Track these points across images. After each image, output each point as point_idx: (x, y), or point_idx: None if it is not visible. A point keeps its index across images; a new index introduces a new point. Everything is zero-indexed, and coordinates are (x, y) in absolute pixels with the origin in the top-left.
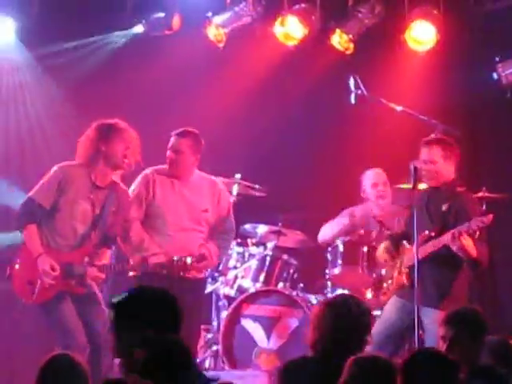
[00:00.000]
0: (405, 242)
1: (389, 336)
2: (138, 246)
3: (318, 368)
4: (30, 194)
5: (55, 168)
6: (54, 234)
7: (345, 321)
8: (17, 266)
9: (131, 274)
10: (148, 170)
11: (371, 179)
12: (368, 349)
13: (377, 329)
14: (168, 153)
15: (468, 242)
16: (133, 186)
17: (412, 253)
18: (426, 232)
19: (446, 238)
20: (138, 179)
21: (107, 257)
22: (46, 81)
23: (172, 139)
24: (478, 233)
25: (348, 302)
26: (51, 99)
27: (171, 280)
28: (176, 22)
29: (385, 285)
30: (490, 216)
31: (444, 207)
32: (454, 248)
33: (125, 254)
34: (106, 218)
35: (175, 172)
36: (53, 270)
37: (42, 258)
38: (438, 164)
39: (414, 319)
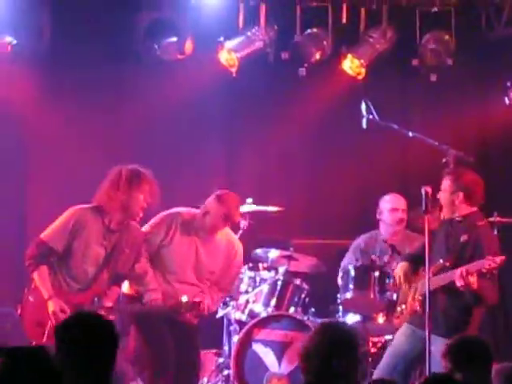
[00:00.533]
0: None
1: (397, 367)
2: (139, 279)
3: None
4: (43, 235)
5: (69, 210)
6: (67, 276)
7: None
8: (27, 307)
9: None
10: (175, 213)
11: (391, 204)
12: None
13: (386, 360)
14: (201, 210)
15: (474, 280)
16: (154, 222)
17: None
18: (441, 261)
19: (454, 275)
20: (163, 218)
21: (115, 296)
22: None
23: (210, 199)
24: (488, 273)
25: (331, 329)
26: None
27: (166, 322)
28: (188, 46)
29: (398, 309)
30: (503, 258)
31: (462, 239)
32: (459, 285)
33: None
34: (118, 258)
35: (201, 229)
36: (63, 312)
37: (52, 300)
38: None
39: (424, 346)
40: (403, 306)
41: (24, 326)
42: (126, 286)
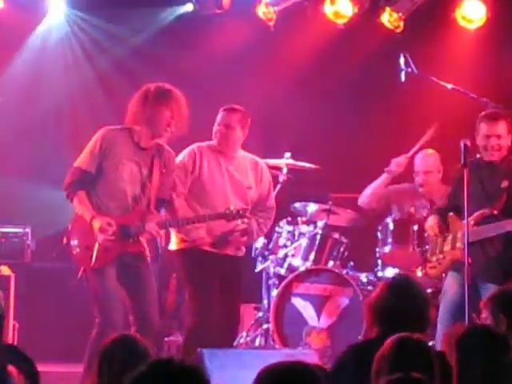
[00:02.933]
0: (454, 215)
1: (451, 312)
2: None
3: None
4: (75, 163)
5: (98, 133)
6: (103, 197)
7: (407, 302)
8: (73, 234)
9: (175, 248)
10: (195, 146)
11: (420, 160)
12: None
13: (447, 311)
14: (218, 127)
15: None
16: (179, 159)
17: (470, 229)
18: (486, 210)
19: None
20: (185, 153)
21: (159, 220)
22: (93, 54)
23: (221, 114)
24: None
25: (409, 283)
26: (99, 74)
27: (212, 257)
28: (226, 0)
29: (434, 259)
30: None
31: (504, 184)
32: None
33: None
34: (155, 179)
35: (224, 147)
36: (109, 225)
37: (96, 218)
38: (502, 138)
39: (472, 293)
40: (441, 256)
41: (72, 253)
42: (174, 244)
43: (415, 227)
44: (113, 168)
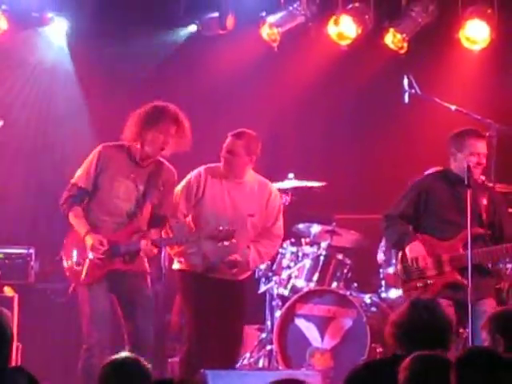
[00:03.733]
0: (428, 236)
1: None
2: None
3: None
4: (72, 179)
5: (95, 149)
6: (99, 212)
7: (430, 323)
8: (67, 250)
9: (176, 267)
10: (201, 168)
11: None
12: None
13: None
14: (223, 153)
15: None
16: (186, 179)
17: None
18: (473, 230)
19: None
20: (192, 174)
21: (156, 237)
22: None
23: (228, 140)
24: None
25: (433, 305)
26: (107, 99)
27: (208, 281)
28: (230, 21)
29: (419, 284)
30: None
31: (485, 201)
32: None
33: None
34: (152, 196)
35: (228, 172)
36: (101, 245)
37: (89, 235)
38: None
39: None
40: (428, 282)
41: (64, 268)
42: (175, 264)
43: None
44: (108, 185)
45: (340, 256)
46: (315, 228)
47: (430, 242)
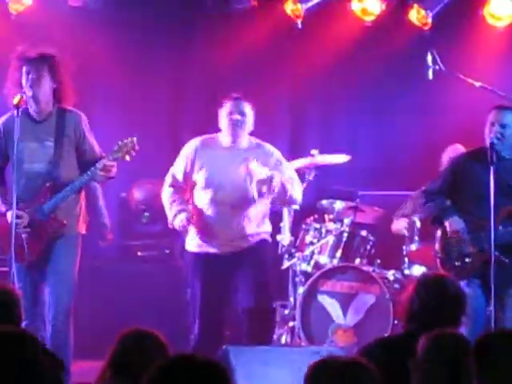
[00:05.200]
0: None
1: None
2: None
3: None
4: None
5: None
6: (13, 184)
7: (440, 300)
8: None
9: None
10: (193, 140)
11: (447, 154)
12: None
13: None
14: (232, 116)
15: None
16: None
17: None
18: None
19: None
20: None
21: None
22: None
23: (233, 103)
24: None
25: (443, 281)
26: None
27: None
28: None
29: (457, 263)
30: None
31: None
32: None
33: None
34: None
35: (237, 136)
36: (21, 218)
37: (8, 212)
38: (507, 129)
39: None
40: (467, 259)
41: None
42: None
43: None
44: (12, 153)
45: (363, 232)
46: (338, 204)
47: (468, 219)
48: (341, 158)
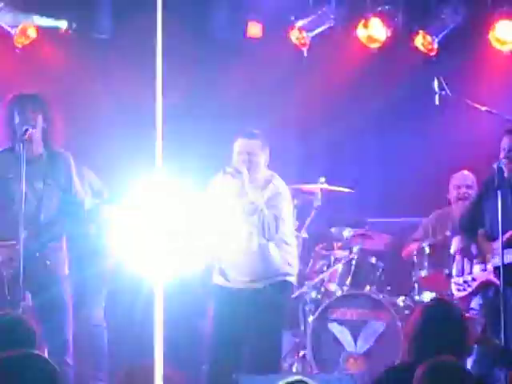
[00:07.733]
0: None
1: None
2: None
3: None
4: None
5: None
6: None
7: (442, 326)
8: None
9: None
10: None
11: (455, 181)
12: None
13: None
14: (240, 157)
15: None
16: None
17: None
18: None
19: None
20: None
21: None
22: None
23: (242, 143)
24: None
25: (445, 308)
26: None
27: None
28: (257, 29)
29: (461, 280)
30: None
31: None
32: None
33: None
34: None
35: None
36: (11, 261)
37: None
38: None
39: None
40: (469, 278)
41: None
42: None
43: (451, 251)
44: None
45: (373, 259)
46: (347, 232)
47: (482, 240)
48: (346, 189)
